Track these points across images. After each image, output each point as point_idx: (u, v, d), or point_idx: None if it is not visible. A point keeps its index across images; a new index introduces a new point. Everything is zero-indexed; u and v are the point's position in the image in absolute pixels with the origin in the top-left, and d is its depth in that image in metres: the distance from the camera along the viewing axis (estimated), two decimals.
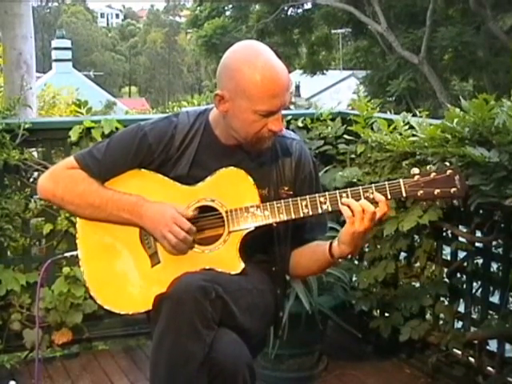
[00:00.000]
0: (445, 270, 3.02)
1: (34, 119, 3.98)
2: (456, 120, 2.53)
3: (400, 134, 2.91)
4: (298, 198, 1.82)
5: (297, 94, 26.23)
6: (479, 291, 2.91)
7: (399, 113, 3.13)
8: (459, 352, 2.93)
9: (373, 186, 1.77)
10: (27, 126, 3.09)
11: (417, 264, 3.13)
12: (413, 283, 3.15)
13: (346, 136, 3.38)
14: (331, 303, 3.04)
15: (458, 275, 2.98)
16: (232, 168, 1.87)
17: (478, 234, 2.86)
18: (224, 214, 1.84)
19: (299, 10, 16.89)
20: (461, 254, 2.99)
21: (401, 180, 1.77)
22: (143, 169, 1.90)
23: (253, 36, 15.51)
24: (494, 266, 2.88)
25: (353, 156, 3.36)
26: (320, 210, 1.80)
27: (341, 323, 3.12)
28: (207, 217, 1.87)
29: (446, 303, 3.03)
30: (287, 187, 1.94)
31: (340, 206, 1.77)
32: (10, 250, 3.21)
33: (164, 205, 1.85)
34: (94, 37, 55.09)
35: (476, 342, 2.86)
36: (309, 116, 3.64)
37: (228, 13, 18.21)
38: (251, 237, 1.84)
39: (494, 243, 2.82)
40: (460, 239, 2.94)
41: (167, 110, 4.41)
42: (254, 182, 1.85)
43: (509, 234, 2.72)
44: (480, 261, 2.91)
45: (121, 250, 1.90)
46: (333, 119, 3.58)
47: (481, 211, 2.75)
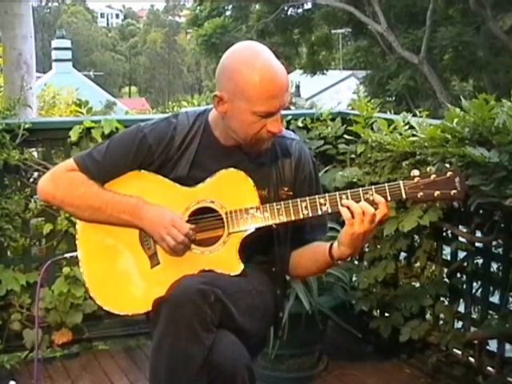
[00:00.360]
0: (445, 270, 3.03)
1: (34, 119, 3.98)
2: (456, 120, 2.52)
3: (400, 134, 2.91)
4: (298, 200, 1.81)
5: (297, 94, 26.18)
6: (479, 291, 2.91)
7: (399, 113, 3.13)
8: (459, 352, 2.93)
9: (373, 188, 1.77)
10: (27, 126, 3.09)
11: (417, 264, 3.13)
12: (413, 283, 3.15)
13: (346, 136, 3.38)
14: (331, 303, 3.04)
15: (458, 275, 2.98)
16: (232, 169, 1.87)
17: (478, 234, 2.86)
18: (224, 216, 1.84)
19: (299, 10, 16.85)
20: (461, 254, 2.99)
21: (401, 182, 1.77)
22: (143, 170, 1.91)
23: (253, 36, 15.48)
24: (494, 266, 2.87)
25: (353, 156, 3.36)
26: (320, 212, 1.80)
27: (341, 323, 3.12)
28: (207, 218, 1.87)
29: (446, 303, 3.03)
30: (287, 188, 1.93)
31: (340, 208, 1.76)
32: (10, 250, 3.21)
33: (163, 208, 1.85)
34: (94, 37, 55.07)
35: (476, 342, 2.86)
36: (309, 116, 3.63)
37: (228, 12, 18.17)
38: (251, 238, 1.84)
39: (494, 243, 2.82)
40: (460, 239, 2.94)
41: (167, 110, 4.42)
42: (254, 183, 1.85)
43: (509, 234, 2.72)
44: (480, 261, 2.91)
45: (120, 251, 1.90)
46: (333, 119, 3.58)
47: (481, 211, 2.75)
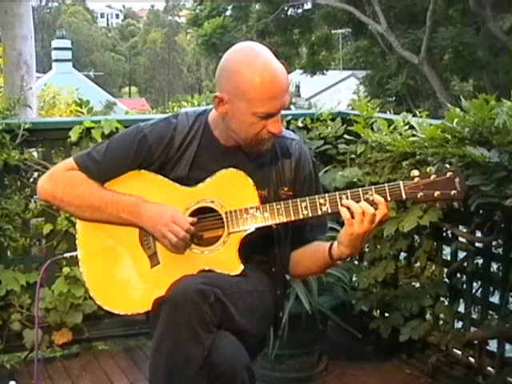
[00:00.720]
0: (445, 270, 3.03)
1: (34, 119, 3.98)
2: (456, 120, 2.52)
3: (400, 134, 2.91)
4: (298, 200, 1.81)
5: (297, 94, 26.19)
6: (479, 291, 2.91)
7: (399, 113, 3.13)
8: (459, 352, 2.93)
9: (372, 188, 1.77)
10: (27, 126, 3.09)
11: (417, 264, 3.12)
12: (413, 283, 3.15)
13: (346, 136, 3.38)
14: (331, 303, 3.04)
15: (458, 275, 2.98)
16: (232, 169, 1.87)
17: (478, 234, 2.86)
18: (224, 216, 1.84)
19: (299, 10, 16.84)
20: (461, 254, 2.99)
21: (401, 182, 1.77)
22: (143, 170, 1.91)
23: (253, 36, 15.48)
24: (494, 266, 2.88)
25: (353, 156, 3.36)
26: (319, 212, 1.80)
27: (341, 323, 3.12)
28: (207, 218, 1.87)
29: (446, 303, 3.03)
30: (287, 188, 1.93)
31: (340, 208, 1.76)
32: (10, 250, 3.21)
33: (163, 205, 1.85)
34: (94, 37, 55.03)
35: (476, 342, 2.86)
36: (309, 116, 3.63)
37: (228, 12, 18.17)
38: (251, 238, 1.84)
39: (494, 243, 2.82)
40: (460, 239, 2.94)
41: (167, 110, 4.42)
42: (254, 183, 1.85)
43: (509, 234, 2.72)
44: (480, 261, 2.91)
45: (120, 251, 1.90)
46: (333, 119, 3.58)
47: (481, 211, 2.75)
